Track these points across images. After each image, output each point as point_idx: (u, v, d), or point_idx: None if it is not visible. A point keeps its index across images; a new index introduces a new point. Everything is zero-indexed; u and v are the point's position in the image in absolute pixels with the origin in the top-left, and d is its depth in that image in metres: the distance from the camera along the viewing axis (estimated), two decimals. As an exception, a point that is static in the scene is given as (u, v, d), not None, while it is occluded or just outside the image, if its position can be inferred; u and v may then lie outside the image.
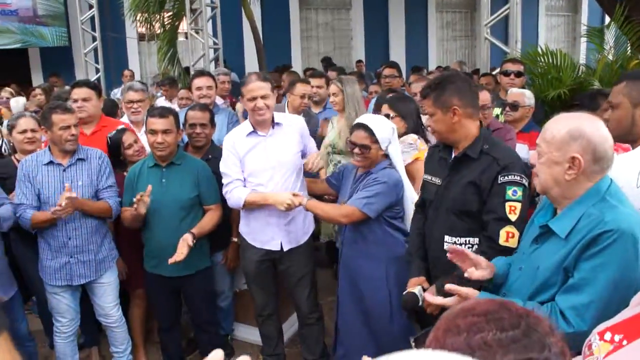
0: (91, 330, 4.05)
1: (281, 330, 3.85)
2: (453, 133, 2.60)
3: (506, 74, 5.17)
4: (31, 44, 12.52)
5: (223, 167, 3.41)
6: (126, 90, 4.55)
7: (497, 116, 4.55)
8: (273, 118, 3.38)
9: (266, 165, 3.33)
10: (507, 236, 2.43)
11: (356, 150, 3.09)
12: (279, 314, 3.80)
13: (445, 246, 2.61)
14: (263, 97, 3.24)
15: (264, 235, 3.45)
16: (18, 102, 6.79)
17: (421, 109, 3.56)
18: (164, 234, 3.37)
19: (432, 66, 14.37)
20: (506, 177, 2.44)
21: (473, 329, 0.91)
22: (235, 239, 3.86)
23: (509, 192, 2.43)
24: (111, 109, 5.25)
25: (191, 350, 4.18)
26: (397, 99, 3.88)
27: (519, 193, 2.43)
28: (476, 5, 15.33)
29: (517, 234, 2.41)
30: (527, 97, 4.27)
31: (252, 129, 3.37)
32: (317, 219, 3.73)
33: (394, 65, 6.05)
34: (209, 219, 3.49)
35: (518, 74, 5.09)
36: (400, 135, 3.48)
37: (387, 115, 3.58)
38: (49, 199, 3.35)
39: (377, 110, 4.27)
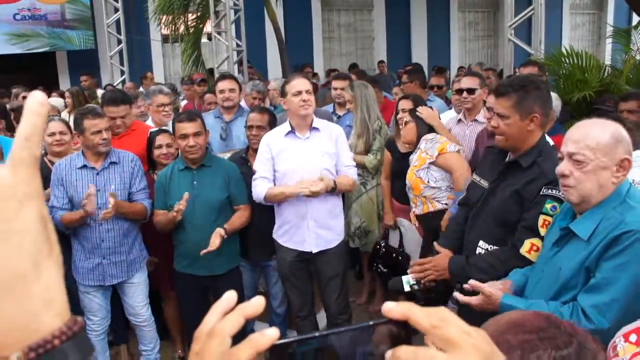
0: (120, 329, 4.13)
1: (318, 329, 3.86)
2: (521, 140, 2.43)
3: None
4: (59, 47, 12.77)
5: (255, 163, 3.51)
6: (156, 93, 4.60)
7: None
8: (312, 122, 3.44)
9: (298, 168, 3.39)
10: (530, 247, 2.35)
11: None
12: (315, 314, 3.83)
13: (478, 250, 2.57)
14: (307, 92, 3.35)
15: (297, 236, 3.50)
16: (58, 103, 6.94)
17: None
18: (196, 235, 3.42)
19: (454, 66, 14.33)
20: (550, 191, 2.32)
21: (526, 346, 0.92)
22: None
23: (548, 207, 2.32)
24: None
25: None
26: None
27: (557, 211, 2.29)
28: (499, 5, 15.23)
29: (541, 249, 2.32)
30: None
31: (290, 129, 3.44)
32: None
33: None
34: (238, 217, 3.57)
35: None
36: None
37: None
38: (82, 202, 3.38)
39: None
